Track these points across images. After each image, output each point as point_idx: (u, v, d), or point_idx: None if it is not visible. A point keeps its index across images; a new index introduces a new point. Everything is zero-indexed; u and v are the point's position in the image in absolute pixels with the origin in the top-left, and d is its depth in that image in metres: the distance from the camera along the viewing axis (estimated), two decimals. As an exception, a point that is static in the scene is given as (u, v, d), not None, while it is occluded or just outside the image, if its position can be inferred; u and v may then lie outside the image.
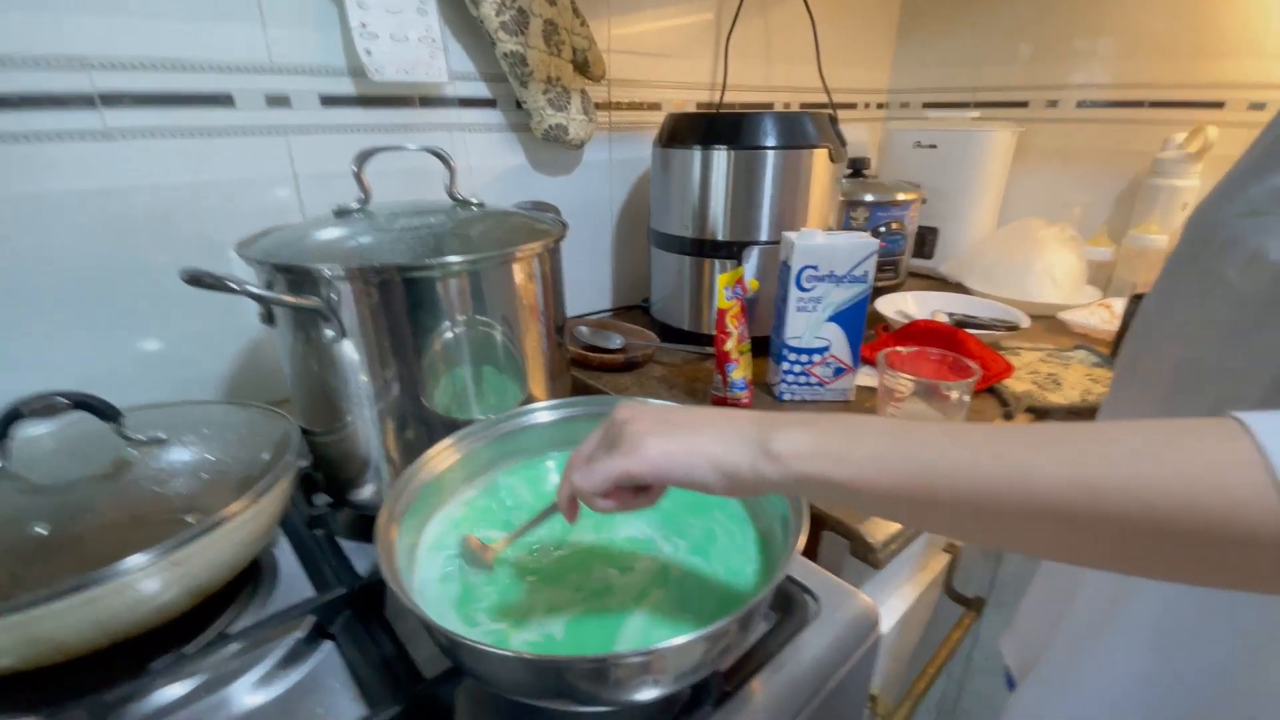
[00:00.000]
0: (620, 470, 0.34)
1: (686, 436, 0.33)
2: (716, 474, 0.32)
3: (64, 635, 0.38)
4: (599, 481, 0.35)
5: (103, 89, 0.61)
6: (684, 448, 0.33)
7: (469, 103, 0.84)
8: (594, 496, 0.35)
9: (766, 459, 0.31)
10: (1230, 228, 0.38)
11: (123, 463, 0.53)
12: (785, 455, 0.30)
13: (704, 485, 0.33)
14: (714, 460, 0.32)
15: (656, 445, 0.33)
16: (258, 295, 0.46)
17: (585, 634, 0.40)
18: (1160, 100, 1.18)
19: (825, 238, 0.71)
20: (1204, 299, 0.39)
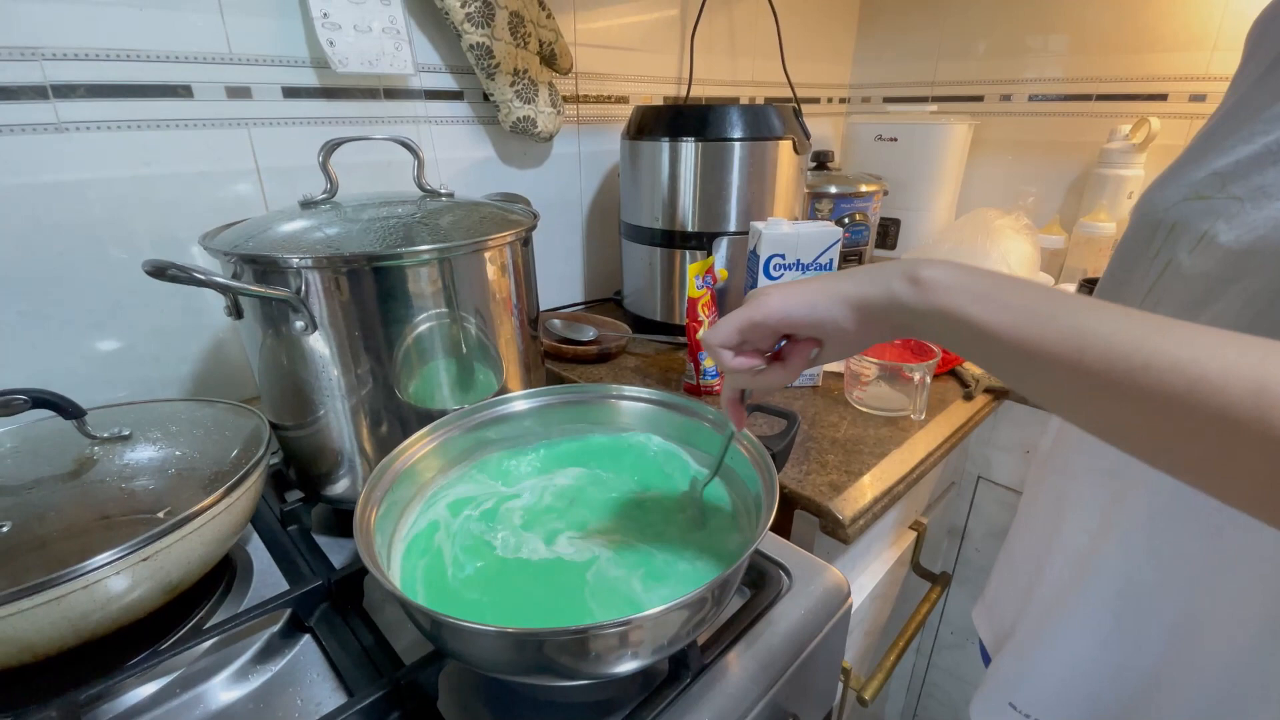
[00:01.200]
0: (743, 317, 0.35)
1: (815, 283, 0.34)
2: (843, 306, 0.32)
3: (32, 635, 0.38)
4: (723, 331, 0.35)
5: (55, 80, 0.59)
6: (809, 289, 0.33)
7: (435, 95, 0.84)
8: (721, 351, 0.36)
9: (908, 283, 0.30)
10: (1177, 212, 0.40)
11: (86, 461, 0.52)
12: (931, 282, 0.29)
13: (831, 320, 0.33)
14: (841, 293, 0.32)
15: (778, 292, 0.34)
16: (226, 286, 0.45)
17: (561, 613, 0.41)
18: (1107, 94, 1.23)
19: (791, 227, 0.73)
20: (1157, 280, 0.41)
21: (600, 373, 0.86)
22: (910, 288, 0.30)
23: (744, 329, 0.35)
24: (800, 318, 0.33)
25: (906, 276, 0.30)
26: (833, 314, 0.32)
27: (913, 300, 0.30)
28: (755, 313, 0.34)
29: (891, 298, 0.31)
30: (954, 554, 1.03)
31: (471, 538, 0.46)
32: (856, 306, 0.32)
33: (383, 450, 0.52)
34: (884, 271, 0.31)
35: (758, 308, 0.34)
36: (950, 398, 0.78)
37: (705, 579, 0.42)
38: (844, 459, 0.65)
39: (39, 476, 0.50)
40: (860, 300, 0.32)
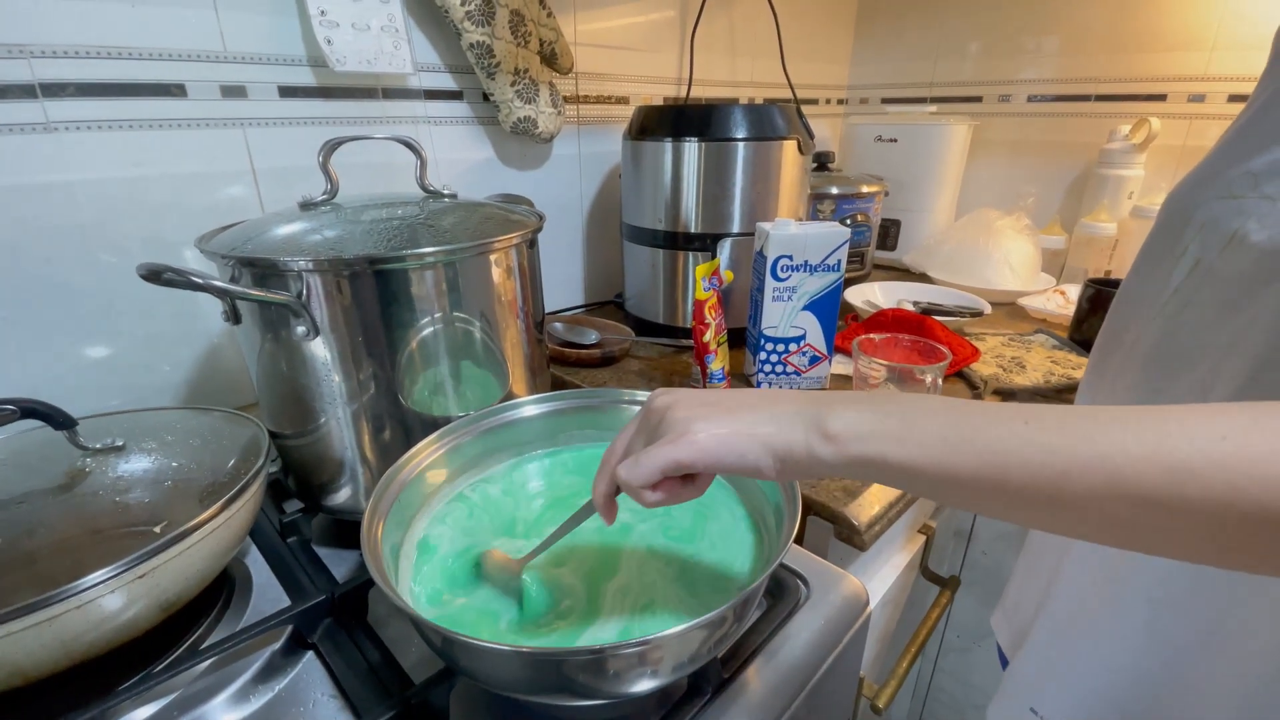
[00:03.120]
0: (669, 459, 0.32)
1: (735, 419, 0.32)
2: (770, 457, 0.31)
3: (22, 659, 0.36)
4: (645, 473, 0.32)
5: (44, 78, 0.57)
6: (735, 431, 0.32)
7: (434, 94, 0.82)
8: (641, 490, 0.33)
9: (822, 439, 0.30)
10: (1207, 210, 0.39)
11: (77, 473, 0.50)
12: (842, 435, 0.29)
13: (756, 469, 0.31)
14: (767, 442, 0.31)
15: (706, 430, 0.32)
16: (224, 290, 0.43)
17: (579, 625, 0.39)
18: (1106, 94, 1.23)
19: (799, 228, 0.72)
20: (1185, 279, 0.40)
21: (604, 376, 0.85)
22: (823, 443, 0.30)
23: (668, 470, 0.33)
24: (728, 465, 0.32)
25: (818, 430, 0.30)
26: (759, 463, 0.31)
27: (830, 456, 0.29)
28: (682, 454, 0.32)
29: (810, 453, 0.30)
30: (960, 557, 1.03)
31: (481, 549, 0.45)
32: (781, 458, 0.31)
33: (386, 459, 0.50)
34: (797, 417, 0.31)
35: (687, 448, 0.32)
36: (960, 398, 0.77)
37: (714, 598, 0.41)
38: (856, 463, 0.63)
39: (28, 490, 0.48)
40: (785, 453, 0.31)
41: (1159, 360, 0.41)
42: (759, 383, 0.79)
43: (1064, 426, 0.25)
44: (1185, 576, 0.41)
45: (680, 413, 0.33)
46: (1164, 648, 0.43)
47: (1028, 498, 0.25)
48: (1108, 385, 0.46)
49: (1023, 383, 0.81)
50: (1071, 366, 0.86)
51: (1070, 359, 0.89)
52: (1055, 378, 0.82)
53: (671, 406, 0.34)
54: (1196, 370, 0.38)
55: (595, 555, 0.45)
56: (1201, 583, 0.40)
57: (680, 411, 0.33)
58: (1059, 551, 0.51)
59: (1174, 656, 0.43)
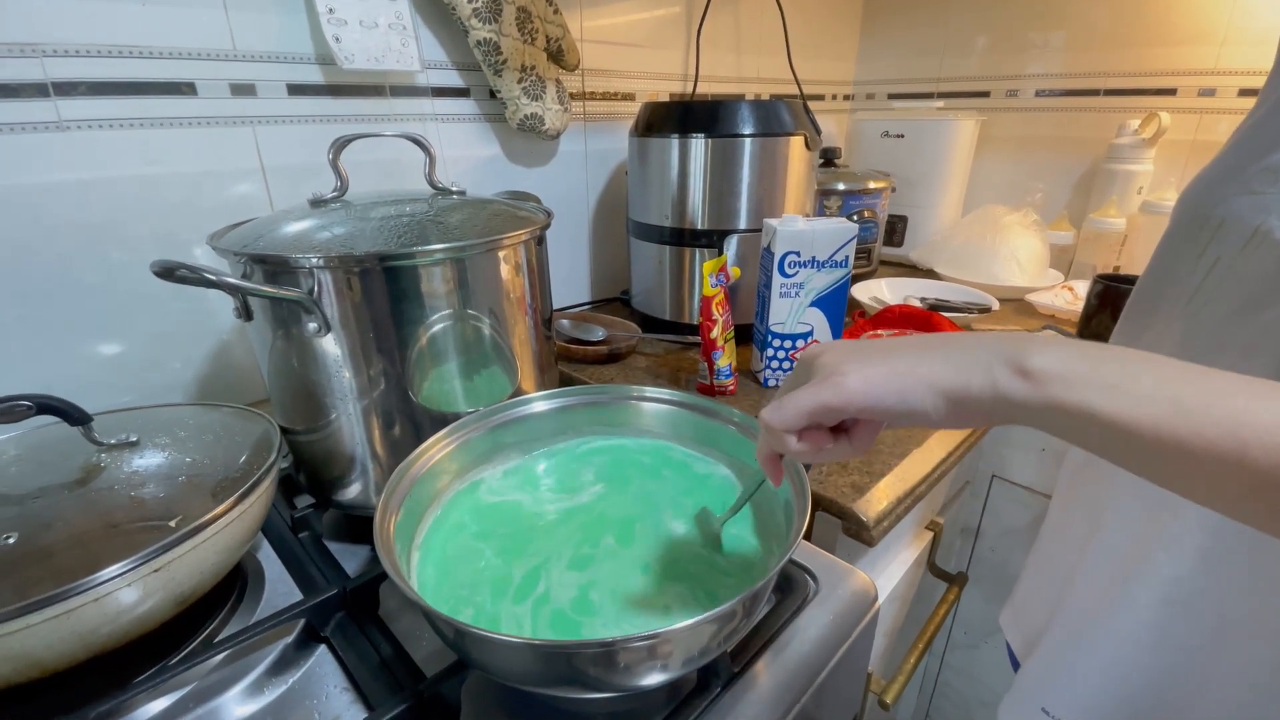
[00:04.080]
0: (815, 401, 0.29)
1: (895, 359, 0.29)
2: (937, 397, 0.27)
3: (41, 651, 0.36)
4: (790, 415, 0.30)
5: (56, 77, 0.57)
6: (893, 370, 0.28)
7: (442, 92, 0.82)
8: (784, 434, 0.30)
9: (1016, 376, 0.26)
10: (1226, 207, 0.38)
11: (93, 468, 0.50)
12: (1045, 374, 0.25)
13: (921, 413, 0.28)
14: (934, 381, 0.27)
15: (858, 371, 0.29)
16: (237, 287, 0.44)
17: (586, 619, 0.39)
18: (1115, 88, 1.22)
19: (806, 224, 0.72)
20: (1205, 277, 0.40)
21: (610, 373, 0.85)
22: (1020, 381, 0.26)
23: (816, 413, 0.30)
24: (888, 407, 0.28)
25: (1013, 366, 0.26)
26: (924, 405, 0.28)
27: (1024, 396, 0.26)
28: (832, 397, 0.29)
29: (997, 393, 0.26)
30: (967, 554, 1.02)
31: (491, 545, 0.45)
32: (955, 400, 0.27)
33: (396, 454, 0.50)
34: (983, 354, 0.27)
35: (836, 391, 0.29)
36: (967, 396, 0.77)
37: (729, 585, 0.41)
38: (865, 460, 0.64)
39: (44, 485, 0.49)
40: (959, 393, 0.27)
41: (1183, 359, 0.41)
42: (765, 380, 0.79)
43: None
44: (1198, 578, 0.41)
45: (830, 357, 0.30)
46: (1176, 649, 0.43)
47: (1263, 481, 0.21)
48: None
49: (1031, 379, 0.81)
50: (1080, 362, 0.86)
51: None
52: (1063, 374, 0.82)
53: (821, 353, 0.31)
54: (1223, 369, 0.38)
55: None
56: (1214, 584, 0.40)
57: (831, 356, 0.30)
58: (1073, 552, 0.51)
59: (1185, 657, 0.43)
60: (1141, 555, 0.43)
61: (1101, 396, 0.24)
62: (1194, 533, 0.41)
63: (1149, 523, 0.44)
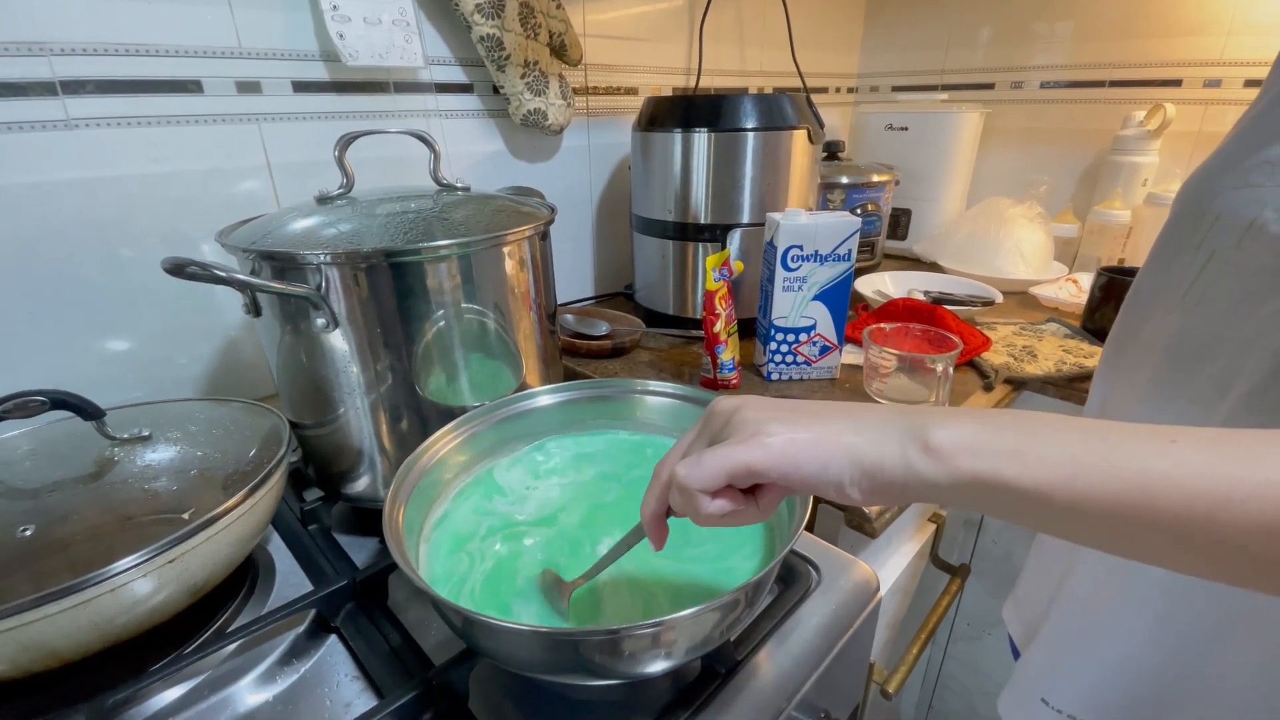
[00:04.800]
0: (737, 461, 0.27)
1: (817, 424, 0.28)
2: (856, 470, 0.26)
3: (58, 640, 0.37)
4: (708, 474, 0.28)
5: (63, 75, 0.58)
6: (818, 436, 0.27)
7: (445, 88, 0.83)
8: (700, 495, 0.29)
9: (924, 453, 0.25)
10: (1225, 200, 0.38)
11: (106, 462, 0.51)
12: (949, 449, 0.25)
13: (838, 485, 0.27)
14: (854, 453, 0.26)
15: (783, 433, 0.27)
16: (246, 283, 0.44)
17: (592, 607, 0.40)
18: (1120, 80, 1.22)
19: (809, 217, 0.72)
20: (1201, 271, 0.40)
21: (614, 368, 0.85)
22: (925, 458, 0.25)
23: (736, 475, 0.28)
24: (808, 476, 0.27)
25: (919, 443, 0.25)
26: (842, 477, 0.27)
27: (933, 473, 0.25)
28: (754, 458, 0.27)
29: (908, 469, 0.25)
30: (970, 546, 1.03)
31: (498, 535, 0.46)
32: (870, 474, 0.26)
33: (403, 448, 0.51)
34: (895, 430, 0.26)
35: (759, 450, 0.27)
36: (970, 388, 0.78)
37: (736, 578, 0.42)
38: (867, 452, 0.64)
39: (59, 479, 0.50)
40: (875, 467, 0.26)
41: (1177, 355, 0.41)
42: (769, 374, 0.80)
43: (1219, 446, 0.22)
44: None
45: (751, 414, 0.29)
46: (1176, 638, 0.43)
47: (1175, 532, 0.21)
48: (1124, 379, 0.46)
49: (1034, 371, 0.81)
50: (1084, 355, 0.86)
51: (1083, 348, 0.89)
52: (1067, 366, 0.82)
53: (740, 408, 0.30)
54: (1215, 365, 0.38)
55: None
56: None
57: (751, 412, 0.29)
58: (1072, 546, 0.51)
59: (1186, 647, 0.43)
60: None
61: (1007, 464, 0.24)
62: None
63: None
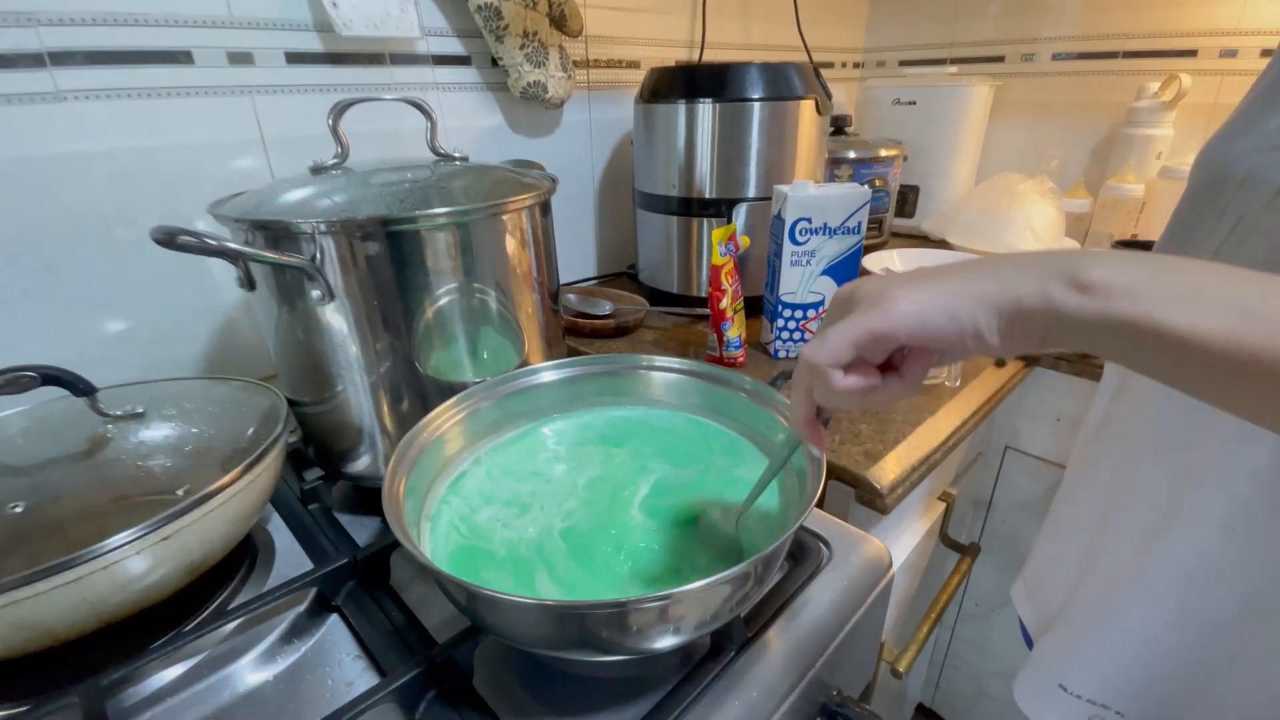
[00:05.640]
0: (861, 330, 0.26)
1: (945, 281, 0.26)
2: (991, 313, 0.25)
3: (52, 619, 0.36)
4: (835, 347, 0.27)
5: (52, 47, 0.56)
6: (942, 290, 0.26)
7: (443, 60, 0.81)
8: (830, 371, 0.27)
9: (1072, 288, 0.23)
10: (1248, 164, 0.37)
11: (99, 440, 0.50)
12: (1104, 286, 0.23)
13: (975, 333, 0.25)
14: (988, 297, 0.25)
15: (905, 295, 0.26)
16: (239, 253, 0.43)
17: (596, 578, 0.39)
18: (1134, 50, 1.19)
19: (818, 189, 0.70)
20: (1226, 238, 0.38)
21: (618, 347, 0.84)
22: (1076, 295, 0.23)
23: (862, 344, 0.27)
24: (938, 330, 0.26)
25: (1068, 279, 0.24)
26: (977, 325, 0.25)
27: (1081, 310, 0.23)
28: (879, 323, 0.26)
29: (1051, 307, 0.24)
30: (979, 525, 1.02)
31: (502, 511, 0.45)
32: (1007, 316, 0.25)
33: (403, 425, 0.50)
34: (1036, 268, 0.25)
35: (882, 316, 0.26)
36: (982, 364, 0.76)
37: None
38: (877, 429, 0.63)
39: (52, 456, 0.49)
40: (1012, 307, 0.25)
41: None
42: (775, 352, 0.78)
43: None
44: (1222, 549, 0.40)
45: (873, 286, 0.28)
46: (1199, 622, 0.42)
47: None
48: None
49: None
50: (1097, 330, 0.84)
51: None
52: (1080, 342, 0.80)
53: (861, 284, 0.29)
54: None
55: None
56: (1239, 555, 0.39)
57: (873, 285, 0.28)
58: (1091, 525, 0.50)
59: (1211, 631, 0.42)
60: (1163, 527, 0.42)
61: (1166, 308, 0.22)
62: (1217, 503, 0.40)
63: (1171, 494, 0.43)
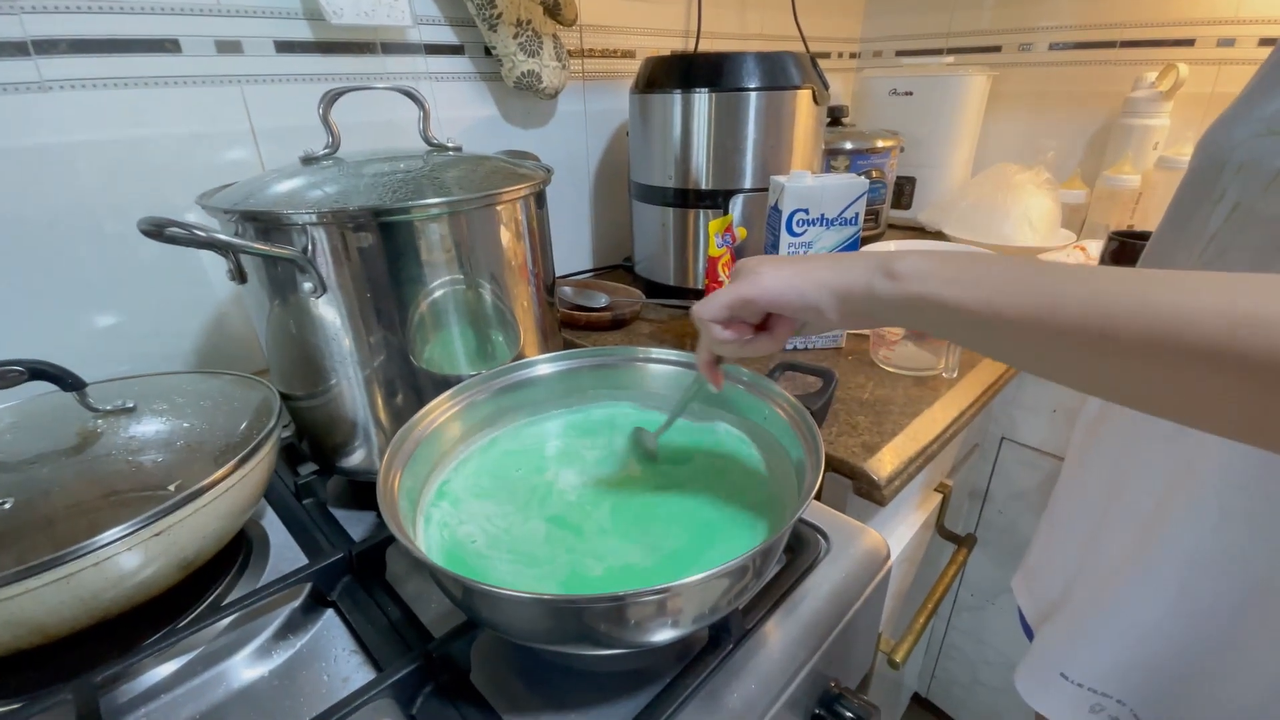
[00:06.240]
0: (735, 295, 0.36)
1: (801, 265, 0.36)
2: (829, 295, 0.34)
3: (43, 616, 0.36)
4: (715, 306, 0.37)
5: (36, 34, 0.55)
6: (797, 271, 0.35)
7: (435, 49, 0.80)
8: (711, 325, 0.38)
9: (885, 277, 0.32)
10: (1247, 149, 0.37)
11: (89, 434, 0.49)
12: (905, 274, 0.31)
13: (817, 307, 0.35)
14: (828, 283, 0.34)
15: (770, 271, 0.36)
16: (229, 244, 0.42)
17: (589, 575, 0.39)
18: (1131, 40, 1.18)
19: (815, 180, 0.70)
20: (1223, 224, 0.38)
21: (614, 340, 0.83)
22: (888, 281, 0.32)
23: (734, 306, 0.37)
24: (789, 302, 0.35)
25: (884, 270, 0.32)
26: (819, 300, 0.34)
27: (888, 292, 0.32)
28: (748, 290, 0.36)
29: (870, 290, 0.32)
30: (975, 516, 1.02)
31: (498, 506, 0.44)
32: (841, 297, 0.34)
33: (398, 419, 0.49)
34: (862, 262, 0.34)
35: (750, 285, 0.36)
36: (978, 356, 0.76)
37: (738, 548, 0.40)
38: (874, 420, 0.62)
39: (41, 452, 0.48)
40: (844, 290, 0.34)
41: None
42: (773, 342, 0.78)
43: (1121, 278, 0.25)
44: (1221, 537, 0.40)
45: (753, 263, 0.38)
46: (1203, 612, 0.42)
47: (1074, 339, 0.26)
48: None
49: (1043, 338, 0.79)
50: (1093, 321, 0.84)
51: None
52: (1077, 332, 0.80)
53: (745, 261, 0.39)
54: None
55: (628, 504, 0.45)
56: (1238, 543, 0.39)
57: (753, 263, 0.38)
58: (1092, 515, 0.50)
59: (1212, 620, 0.42)
60: (1163, 516, 0.42)
61: (946, 288, 0.30)
62: (1214, 489, 0.40)
63: (1170, 482, 0.43)
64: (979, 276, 0.29)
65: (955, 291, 0.29)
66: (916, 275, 0.31)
